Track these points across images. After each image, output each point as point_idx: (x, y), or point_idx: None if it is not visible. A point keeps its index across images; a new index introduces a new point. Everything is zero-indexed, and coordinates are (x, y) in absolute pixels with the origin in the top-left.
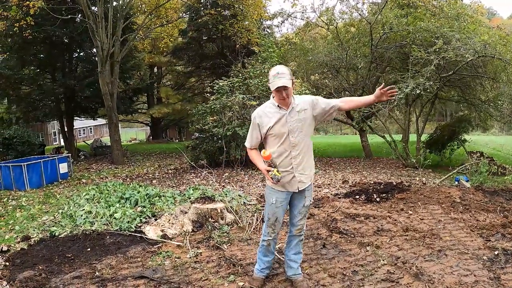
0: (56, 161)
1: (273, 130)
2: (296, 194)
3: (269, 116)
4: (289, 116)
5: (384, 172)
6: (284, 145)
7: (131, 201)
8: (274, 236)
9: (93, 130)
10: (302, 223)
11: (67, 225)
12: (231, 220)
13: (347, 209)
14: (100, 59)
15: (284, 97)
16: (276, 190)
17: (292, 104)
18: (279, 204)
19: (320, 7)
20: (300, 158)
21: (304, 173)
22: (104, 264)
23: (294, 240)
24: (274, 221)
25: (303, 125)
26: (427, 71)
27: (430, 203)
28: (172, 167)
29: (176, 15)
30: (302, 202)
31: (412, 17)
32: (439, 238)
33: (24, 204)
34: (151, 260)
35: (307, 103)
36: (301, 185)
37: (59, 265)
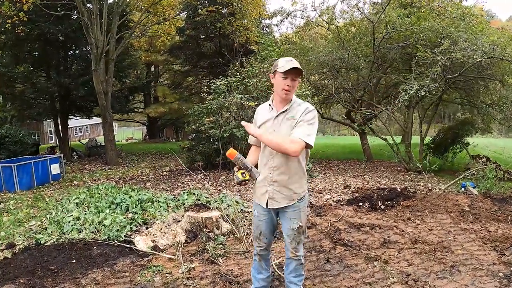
0: (47, 162)
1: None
2: (280, 213)
3: (261, 114)
4: (275, 120)
5: (386, 176)
6: (265, 152)
7: (122, 206)
8: (262, 250)
9: (89, 129)
10: (293, 246)
11: (54, 232)
12: (227, 229)
13: (351, 218)
14: (94, 56)
15: (289, 87)
16: (255, 202)
17: (285, 108)
18: (262, 217)
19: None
20: (278, 173)
21: (280, 192)
22: (90, 278)
23: (292, 263)
24: (258, 234)
25: (286, 135)
26: (432, 73)
27: (438, 211)
28: (167, 169)
29: (173, 12)
30: (287, 223)
31: (415, 16)
32: (450, 252)
33: (12, 208)
34: (140, 275)
35: (300, 112)
36: (272, 203)
37: (41, 279)
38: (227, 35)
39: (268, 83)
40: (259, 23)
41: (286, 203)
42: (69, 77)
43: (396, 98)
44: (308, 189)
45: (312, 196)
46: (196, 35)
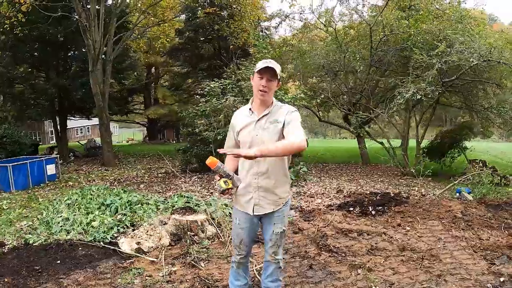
0: (43, 163)
1: (240, 136)
2: (264, 218)
3: (240, 119)
4: (257, 124)
5: (381, 181)
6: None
7: (111, 208)
8: (242, 258)
9: (90, 129)
10: (273, 250)
11: (43, 232)
12: (213, 233)
13: (340, 223)
14: (92, 58)
15: (265, 87)
16: (237, 210)
17: (266, 111)
18: (243, 225)
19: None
20: (263, 178)
21: (265, 198)
22: (72, 279)
23: (270, 267)
24: (238, 243)
25: (271, 138)
26: (428, 76)
27: (430, 218)
28: (163, 171)
29: (172, 14)
30: (271, 228)
31: (413, 19)
32: (438, 260)
33: (5, 207)
34: (120, 278)
35: (283, 114)
36: (258, 209)
37: (25, 279)
38: (225, 37)
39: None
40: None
41: (272, 209)
42: (68, 78)
43: (392, 101)
44: (300, 193)
45: (303, 200)
46: (195, 37)
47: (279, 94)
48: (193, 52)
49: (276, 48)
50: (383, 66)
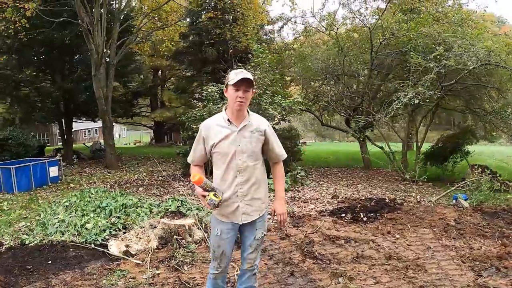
0: (46, 165)
1: (218, 147)
2: (246, 226)
3: (216, 131)
4: (238, 134)
5: (379, 186)
6: (229, 168)
7: (106, 210)
8: (222, 270)
9: (98, 132)
10: (253, 257)
11: (39, 233)
12: (200, 238)
13: (328, 229)
14: (94, 62)
15: (242, 99)
16: (219, 221)
17: (246, 121)
18: (225, 236)
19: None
20: (248, 186)
21: (251, 205)
22: (60, 279)
23: (246, 273)
24: (220, 254)
25: (254, 148)
26: (427, 80)
27: (422, 225)
28: (164, 174)
29: (176, 18)
30: (253, 234)
31: (414, 22)
32: (424, 270)
33: (6, 208)
34: (105, 279)
35: (263, 125)
36: (246, 217)
37: (17, 277)
38: (228, 41)
39: (258, 91)
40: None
41: (258, 215)
42: (73, 81)
43: (390, 105)
44: (295, 198)
45: (296, 205)
46: (199, 40)
47: (277, 99)
48: (197, 55)
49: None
50: (384, 70)
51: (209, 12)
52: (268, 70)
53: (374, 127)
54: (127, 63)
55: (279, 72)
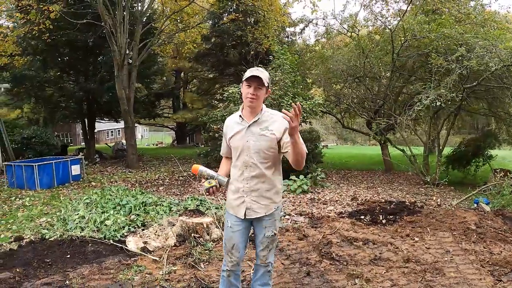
0: (68, 163)
1: (231, 142)
2: (255, 222)
3: (231, 126)
4: (248, 130)
5: (400, 189)
6: (238, 162)
7: (126, 208)
8: (233, 266)
9: (120, 132)
10: (264, 254)
11: (59, 228)
12: (218, 236)
13: (346, 231)
14: (117, 63)
15: (253, 95)
16: (229, 213)
17: (257, 117)
18: (236, 228)
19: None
20: (254, 183)
21: (259, 202)
22: (77, 273)
23: (260, 270)
24: (231, 247)
25: (261, 146)
26: (449, 82)
27: (441, 229)
28: (185, 174)
29: (198, 20)
30: (262, 232)
31: (436, 23)
32: (442, 274)
33: (28, 204)
34: (122, 274)
35: (276, 124)
36: (250, 213)
37: (35, 270)
38: (249, 43)
39: (279, 92)
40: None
41: (264, 213)
42: (96, 82)
43: (411, 108)
44: (314, 200)
45: (315, 207)
46: (221, 42)
47: (298, 100)
48: (219, 57)
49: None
50: (406, 72)
51: (230, 14)
52: (289, 71)
53: (395, 129)
54: (150, 64)
55: (300, 74)
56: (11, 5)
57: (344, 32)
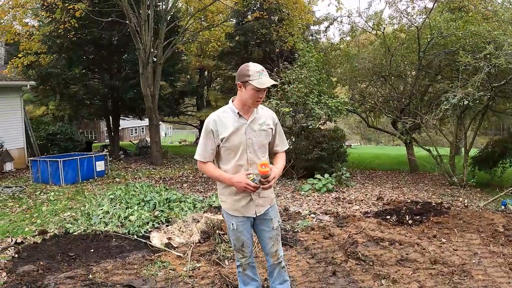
0: (93, 159)
1: (228, 141)
2: (260, 219)
3: (226, 124)
4: (249, 127)
5: (426, 190)
6: (240, 162)
7: (150, 204)
8: (247, 259)
9: (144, 130)
10: (276, 249)
11: (83, 223)
12: None
13: (373, 231)
14: (142, 61)
15: (261, 99)
16: (231, 215)
17: (254, 114)
18: (241, 228)
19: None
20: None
21: (263, 196)
22: (101, 267)
23: (275, 269)
24: (240, 246)
25: (262, 140)
26: (477, 80)
27: (468, 230)
28: None
29: (222, 18)
30: (269, 225)
31: (462, 21)
32: (470, 277)
33: (52, 199)
34: (146, 269)
35: (270, 118)
36: (260, 209)
37: (59, 263)
38: (273, 41)
39: (305, 90)
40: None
41: (269, 204)
42: (120, 79)
43: (438, 107)
44: (339, 199)
45: (340, 206)
46: (245, 41)
47: (324, 98)
48: (243, 56)
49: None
50: (432, 71)
51: (255, 12)
52: (315, 69)
53: (421, 129)
54: (174, 62)
55: (325, 72)
56: (37, 4)
57: (369, 30)
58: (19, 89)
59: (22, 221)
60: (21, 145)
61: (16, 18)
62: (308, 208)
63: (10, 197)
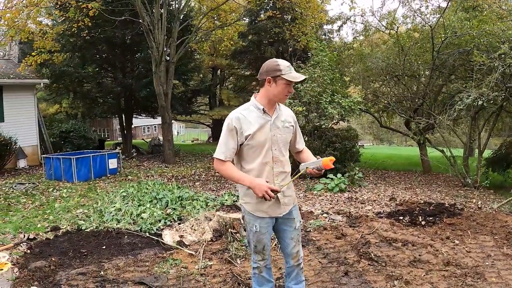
0: (105, 157)
1: (253, 139)
2: (282, 218)
3: (250, 121)
4: (273, 124)
5: (439, 191)
6: (266, 159)
7: (162, 202)
8: (265, 262)
9: (157, 128)
10: (297, 249)
11: (95, 220)
12: None
13: (385, 231)
14: (155, 59)
15: (290, 93)
16: (256, 217)
17: (277, 111)
18: (264, 230)
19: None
20: (283, 177)
21: (288, 195)
22: (112, 264)
23: (294, 270)
24: (261, 248)
25: (286, 138)
26: (491, 80)
27: (482, 232)
28: None
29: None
30: (292, 225)
31: (477, 20)
32: (483, 279)
33: (65, 196)
34: (157, 267)
35: (290, 116)
36: (285, 208)
37: (71, 259)
38: (286, 40)
39: (318, 89)
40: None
41: (293, 204)
42: (133, 78)
43: (452, 107)
44: (352, 199)
45: (352, 206)
46: (258, 40)
47: (337, 98)
48: (256, 55)
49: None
50: (446, 70)
51: (267, 11)
52: (328, 68)
53: (434, 129)
54: (187, 61)
55: (338, 71)
56: (50, 3)
57: (383, 29)
58: (33, 87)
59: (34, 217)
60: (35, 143)
61: (30, 17)
62: (320, 207)
63: (23, 194)
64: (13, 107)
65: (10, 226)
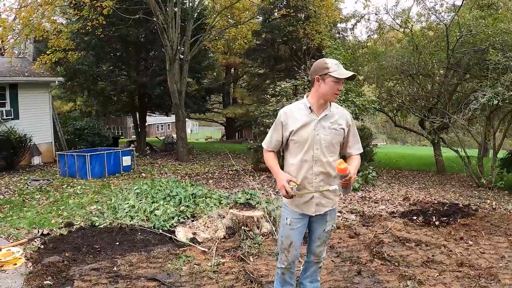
0: (119, 154)
1: (296, 135)
2: (316, 217)
3: (296, 117)
4: (319, 123)
5: (453, 191)
6: (306, 157)
7: (176, 199)
8: (289, 264)
9: (170, 126)
10: (320, 249)
11: (109, 216)
12: (268, 230)
13: (399, 231)
14: (169, 58)
15: (339, 91)
16: (291, 210)
17: (327, 111)
18: (294, 225)
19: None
20: (323, 178)
21: (327, 197)
22: (126, 260)
23: (311, 267)
24: (288, 245)
25: (332, 139)
26: (507, 79)
27: (496, 233)
28: (234, 168)
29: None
30: (322, 226)
31: (492, 18)
32: (496, 280)
33: (79, 192)
34: (170, 263)
35: (344, 118)
36: (319, 208)
37: (84, 255)
38: (300, 39)
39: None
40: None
41: (331, 206)
42: (147, 76)
43: (467, 106)
44: (365, 198)
45: (366, 205)
46: (271, 38)
47: (351, 96)
48: (270, 53)
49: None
50: (461, 69)
51: (281, 9)
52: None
53: (449, 129)
54: (201, 59)
55: (352, 70)
56: (65, 2)
57: (397, 28)
58: (48, 85)
59: (48, 213)
60: (49, 140)
61: (44, 15)
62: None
63: (38, 190)
64: (28, 104)
65: (25, 222)
